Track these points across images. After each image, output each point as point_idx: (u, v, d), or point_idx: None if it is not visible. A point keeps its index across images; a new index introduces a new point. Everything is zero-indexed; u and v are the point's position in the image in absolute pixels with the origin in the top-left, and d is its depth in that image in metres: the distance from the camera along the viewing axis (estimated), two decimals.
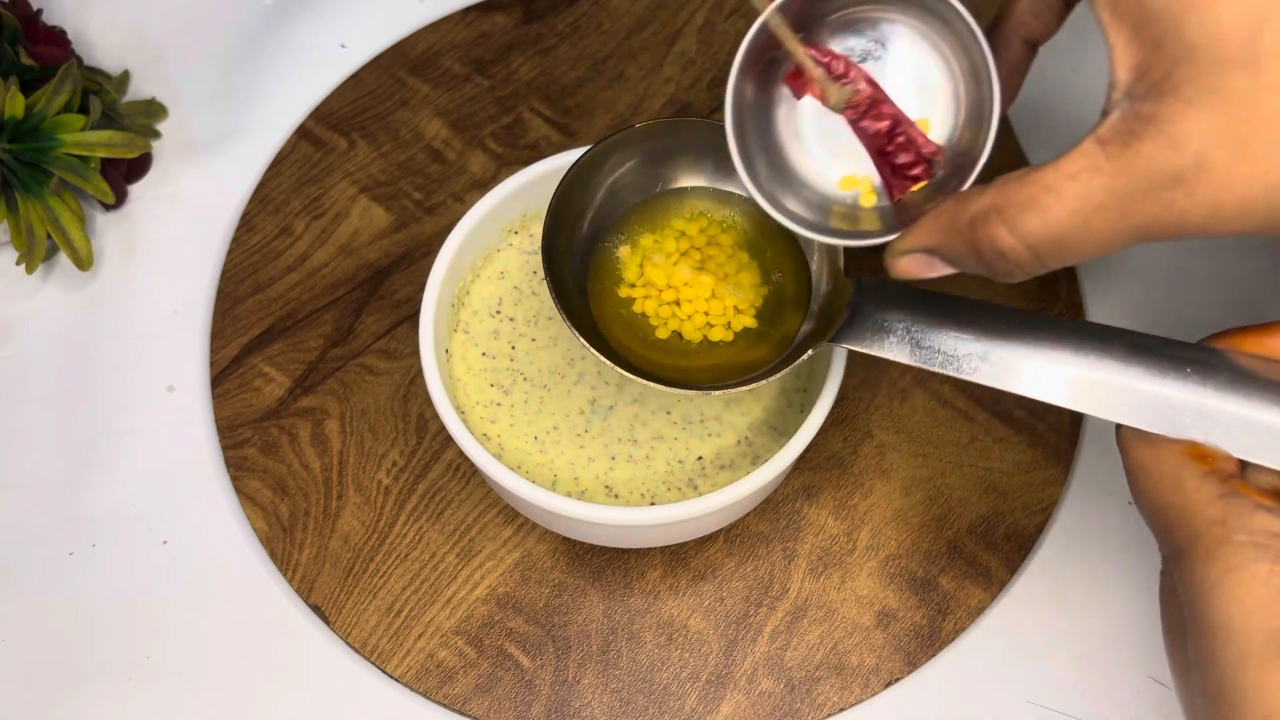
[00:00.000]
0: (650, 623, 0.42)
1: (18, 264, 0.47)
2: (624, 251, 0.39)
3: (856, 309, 0.35)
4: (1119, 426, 0.30)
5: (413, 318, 0.48)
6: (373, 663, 0.41)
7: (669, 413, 0.41)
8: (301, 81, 0.54)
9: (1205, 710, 0.26)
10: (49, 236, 0.48)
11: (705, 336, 0.38)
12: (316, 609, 0.42)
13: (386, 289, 0.48)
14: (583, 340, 0.35)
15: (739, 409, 0.41)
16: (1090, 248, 0.27)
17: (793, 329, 0.37)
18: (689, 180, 0.39)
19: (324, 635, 0.42)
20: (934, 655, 0.41)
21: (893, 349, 0.33)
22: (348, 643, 0.42)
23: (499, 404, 0.41)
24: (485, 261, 0.43)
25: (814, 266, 0.38)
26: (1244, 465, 0.29)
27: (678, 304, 0.38)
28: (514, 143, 0.52)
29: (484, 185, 0.51)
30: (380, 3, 0.57)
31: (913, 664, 0.41)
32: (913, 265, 0.31)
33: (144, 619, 0.42)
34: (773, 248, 0.39)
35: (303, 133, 0.52)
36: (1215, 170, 0.25)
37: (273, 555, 0.43)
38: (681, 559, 0.43)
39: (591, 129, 0.52)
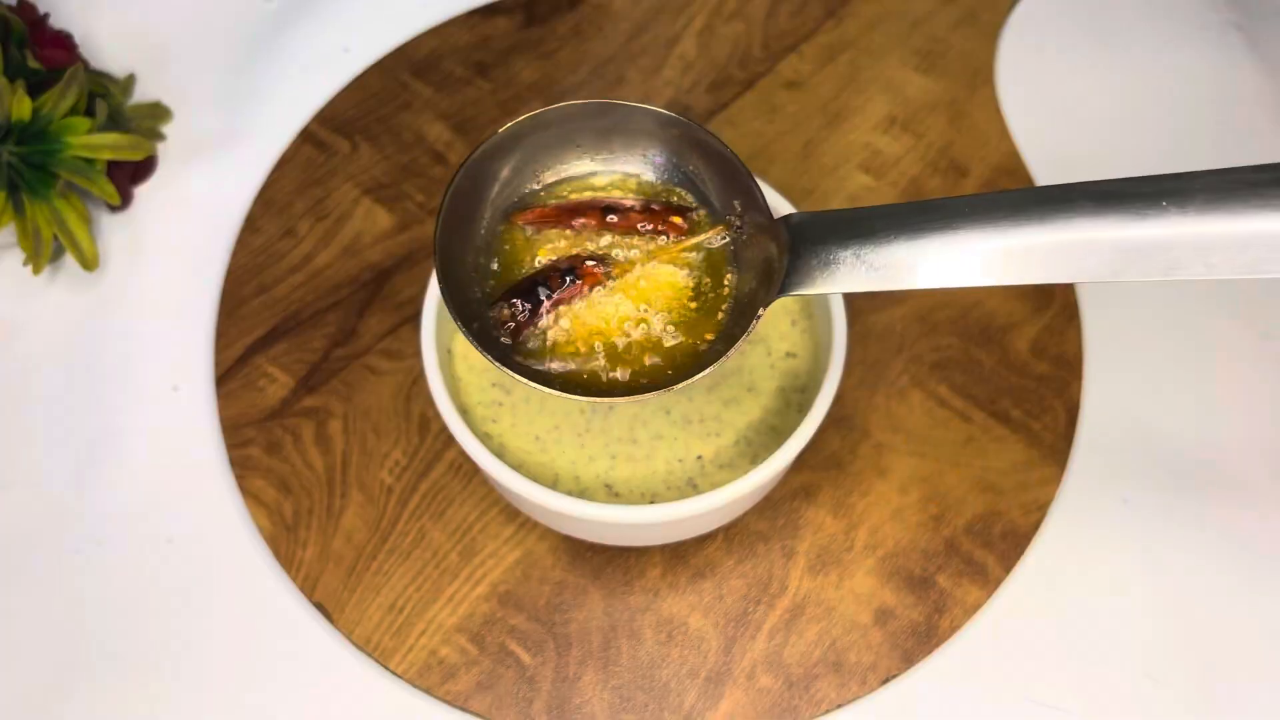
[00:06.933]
0: (650, 620, 0.42)
1: (24, 265, 0.48)
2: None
3: (795, 251, 0.31)
4: None
5: (415, 318, 0.48)
6: (375, 660, 0.42)
7: (669, 412, 0.41)
8: (305, 84, 0.54)
9: None
10: (55, 238, 0.48)
11: (645, 331, 0.34)
12: (320, 607, 0.43)
13: (389, 290, 0.49)
14: (525, 381, 0.32)
15: (738, 409, 0.41)
16: None
17: (729, 293, 0.34)
18: (578, 169, 0.36)
19: (327, 633, 0.42)
20: (931, 652, 0.42)
21: (846, 279, 0.30)
22: (351, 640, 0.42)
23: (500, 404, 0.41)
24: None
25: (734, 220, 0.35)
26: None
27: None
28: None
29: None
30: (383, 6, 0.57)
31: (910, 661, 0.41)
32: None
33: (148, 617, 0.43)
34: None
35: (306, 135, 0.53)
36: None
37: (276, 554, 0.43)
38: (681, 557, 0.43)
39: None
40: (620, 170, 0.36)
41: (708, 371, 0.32)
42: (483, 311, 0.33)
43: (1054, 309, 0.48)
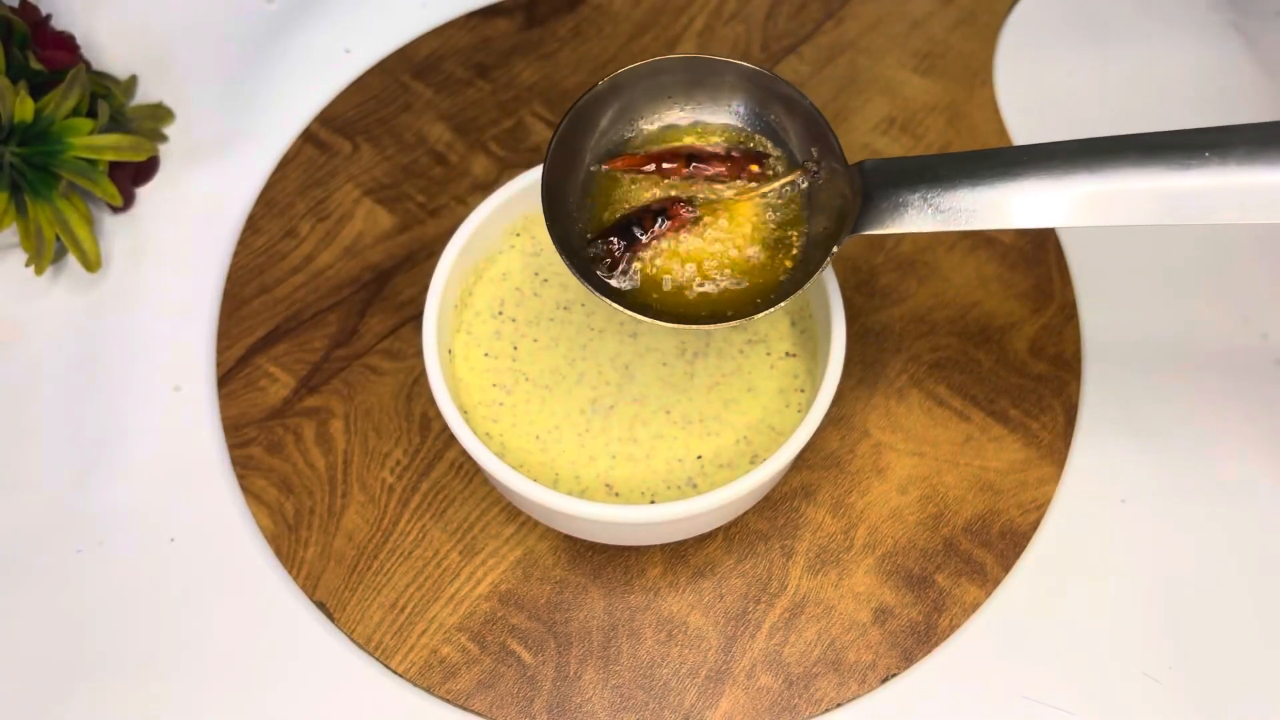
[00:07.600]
0: (650, 619, 0.42)
1: (27, 265, 0.48)
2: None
3: (867, 195, 0.34)
4: None
5: (416, 318, 0.48)
6: (377, 659, 0.42)
7: (669, 412, 0.41)
8: (306, 86, 0.55)
9: None
10: (58, 239, 0.48)
11: (728, 267, 0.37)
12: (321, 606, 0.43)
13: (390, 290, 0.49)
14: (596, 291, 0.35)
15: (738, 409, 0.41)
16: None
17: (805, 233, 0.37)
18: (669, 118, 0.39)
19: (328, 632, 0.43)
20: (930, 651, 0.42)
21: (913, 221, 0.33)
22: (352, 639, 0.42)
23: (501, 403, 0.41)
24: (488, 263, 0.44)
25: (811, 166, 0.38)
26: None
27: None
28: (516, 146, 0.53)
29: (486, 188, 0.51)
30: (384, 8, 0.57)
31: (909, 660, 0.42)
32: None
33: (150, 616, 0.43)
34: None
35: (308, 136, 0.53)
36: None
37: (278, 553, 0.44)
38: (681, 556, 0.43)
39: None
40: (706, 119, 0.39)
41: (783, 304, 0.35)
42: (582, 247, 0.37)
43: (1052, 309, 0.48)
